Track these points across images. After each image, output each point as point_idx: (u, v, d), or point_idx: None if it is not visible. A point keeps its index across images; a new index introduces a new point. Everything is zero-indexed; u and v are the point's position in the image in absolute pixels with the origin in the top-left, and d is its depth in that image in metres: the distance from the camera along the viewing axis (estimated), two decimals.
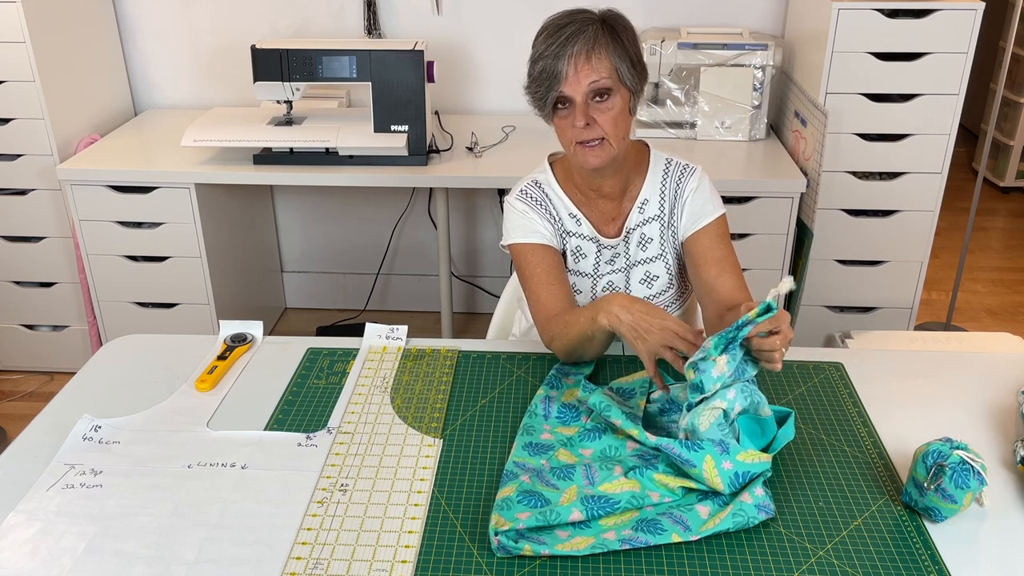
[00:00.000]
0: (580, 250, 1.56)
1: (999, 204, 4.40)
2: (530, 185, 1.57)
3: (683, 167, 1.55)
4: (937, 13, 2.33)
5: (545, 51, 1.37)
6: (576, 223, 1.55)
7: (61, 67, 2.59)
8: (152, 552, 1.10)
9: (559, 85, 1.37)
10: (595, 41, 1.36)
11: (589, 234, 1.55)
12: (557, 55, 1.36)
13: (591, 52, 1.36)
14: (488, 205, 3.15)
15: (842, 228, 2.58)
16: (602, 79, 1.37)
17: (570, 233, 1.56)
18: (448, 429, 1.34)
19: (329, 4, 2.87)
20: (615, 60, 1.38)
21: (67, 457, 1.27)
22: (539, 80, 1.39)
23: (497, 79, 2.96)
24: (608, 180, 1.51)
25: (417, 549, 1.10)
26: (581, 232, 1.55)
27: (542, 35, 1.40)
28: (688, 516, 1.13)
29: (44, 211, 2.68)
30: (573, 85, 1.37)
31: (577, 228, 1.55)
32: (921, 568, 1.07)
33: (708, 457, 1.15)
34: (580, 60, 1.35)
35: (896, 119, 2.45)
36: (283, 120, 2.53)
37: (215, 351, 1.54)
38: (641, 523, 1.12)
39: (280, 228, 3.26)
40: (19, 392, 2.85)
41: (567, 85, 1.37)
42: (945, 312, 3.28)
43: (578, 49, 1.35)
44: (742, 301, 1.41)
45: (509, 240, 1.56)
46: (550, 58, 1.36)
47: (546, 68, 1.37)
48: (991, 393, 1.43)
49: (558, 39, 1.36)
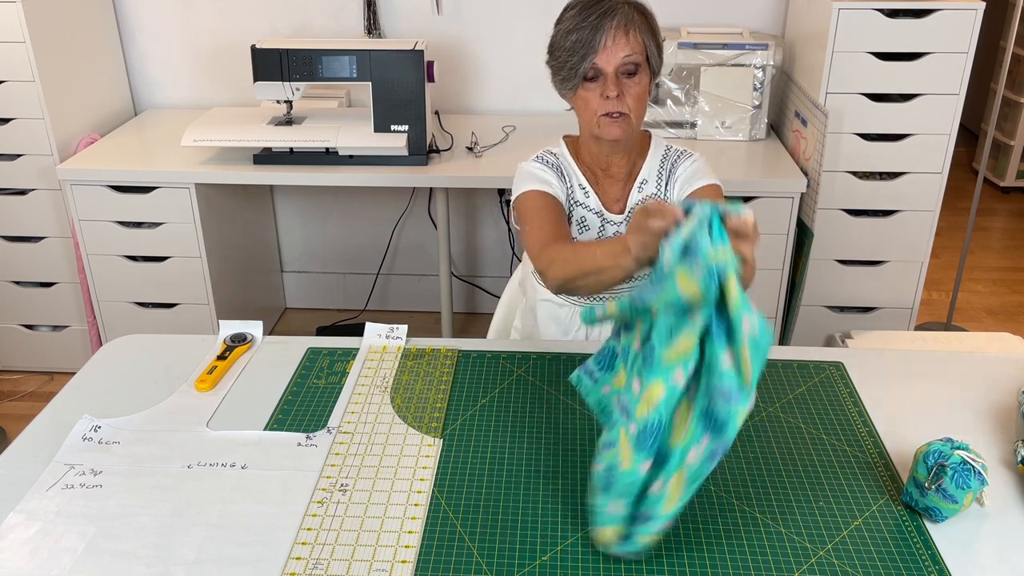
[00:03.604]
0: (584, 221, 1.60)
1: (999, 204, 4.40)
2: (545, 152, 1.62)
3: (681, 151, 1.61)
4: (937, 13, 2.33)
5: (581, 23, 1.42)
6: (585, 194, 1.59)
7: (61, 67, 2.59)
8: (152, 552, 1.09)
9: (594, 56, 1.42)
10: (631, 19, 1.42)
11: (595, 207, 1.59)
12: (595, 27, 1.40)
13: (628, 28, 1.41)
14: (488, 205, 3.15)
15: (842, 228, 2.57)
16: (635, 54, 1.42)
17: (577, 203, 1.59)
18: (448, 429, 1.34)
19: (329, 4, 2.87)
20: (647, 39, 1.44)
21: (67, 457, 1.27)
22: (572, 50, 1.43)
23: (497, 79, 2.96)
24: (617, 158, 1.56)
25: (417, 549, 1.10)
26: (588, 204, 1.59)
27: (573, 10, 1.44)
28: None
29: (44, 211, 2.68)
30: (608, 56, 1.41)
31: (585, 199, 1.59)
32: (921, 568, 1.07)
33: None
34: (619, 33, 1.41)
35: (896, 119, 2.45)
36: (283, 120, 2.52)
37: (215, 351, 1.54)
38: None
39: (280, 228, 3.26)
40: (19, 392, 2.85)
41: (602, 56, 1.42)
42: (945, 312, 3.28)
43: (617, 23, 1.41)
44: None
45: (520, 190, 1.54)
46: (587, 29, 1.41)
47: (581, 38, 1.41)
48: (991, 393, 1.43)
49: (594, 12, 1.41)
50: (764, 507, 1.17)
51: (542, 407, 1.39)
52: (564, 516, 1.16)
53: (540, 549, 1.10)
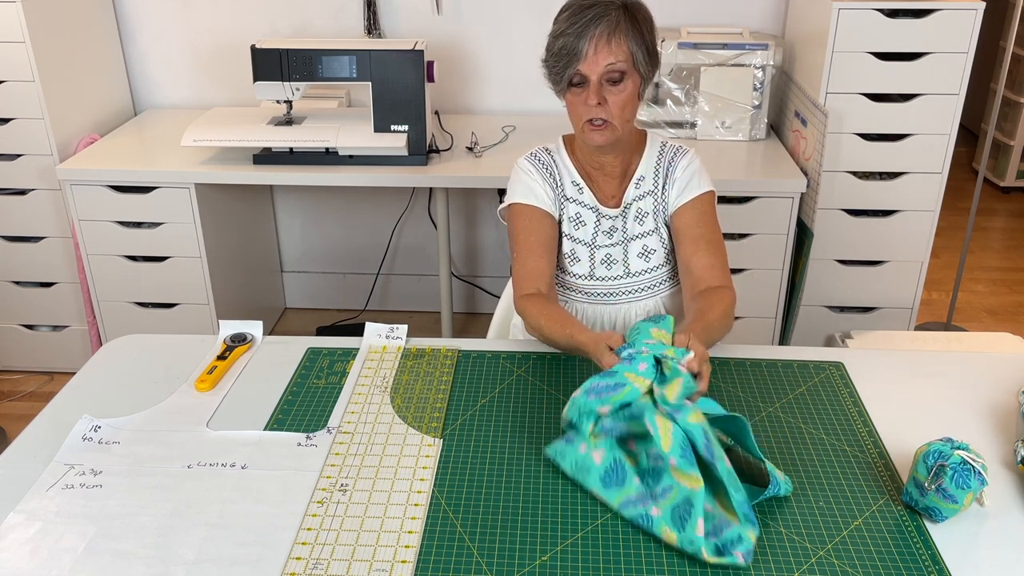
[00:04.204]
0: (579, 217, 1.60)
1: (999, 204, 4.40)
2: (540, 150, 1.64)
3: (677, 148, 1.62)
4: (937, 13, 2.33)
5: (567, 29, 1.42)
6: (578, 191, 1.60)
7: (61, 67, 2.59)
8: (152, 552, 1.09)
9: (577, 63, 1.42)
10: (616, 26, 1.41)
11: (590, 203, 1.60)
12: (579, 34, 1.41)
13: (612, 36, 1.41)
14: (488, 205, 3.15)
15: (842, 228, 2.57)
16: (619, 63, 1.42)
17: (569, 199, 1.60)
18: (448, 429, 1.34)
19: (329, 4, 2.87)
20: (633, 46, 1.43)
21: (67, 457, 1.27)
22: (558, 56, 1.44)
23: (497, 79, 2.96)
24: (610, 158, 1.57)
25: (417, 549, 1.10)
26: (582, 200, 1.60)
27: (565, 13, 1.45)
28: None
29: (44, 211, 2.67)
30: (591, 65, 1.42)
31: (579, 196, 1.60)
32: (921, 568, 1.07)
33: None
34: (601, 42, 1.41)
35: (896, 119, 2.45)
36: (283, 120, 2.52)
37: (215, 351, 1.54)
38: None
39: (280, 228, 3.26)
40: (19, 392, 2.85)
41: (585, 64, 1.42)
42: (945, 312, 3.28)
43: (600, 31, 1.40)
44: (713, 282, 1.50)
45: (509, 199, 1.62)
46: (572, 36, 1.41)
47: (566, 45, 1.42)
48: (991, 393, 1.43)
49: (582, 19, 1.41)
50: (764, 507, 1.17)
51: (542, 407, 1.39)
52: (564, 516, 1.16)
53: (540, 549, 1.10)
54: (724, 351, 1.54)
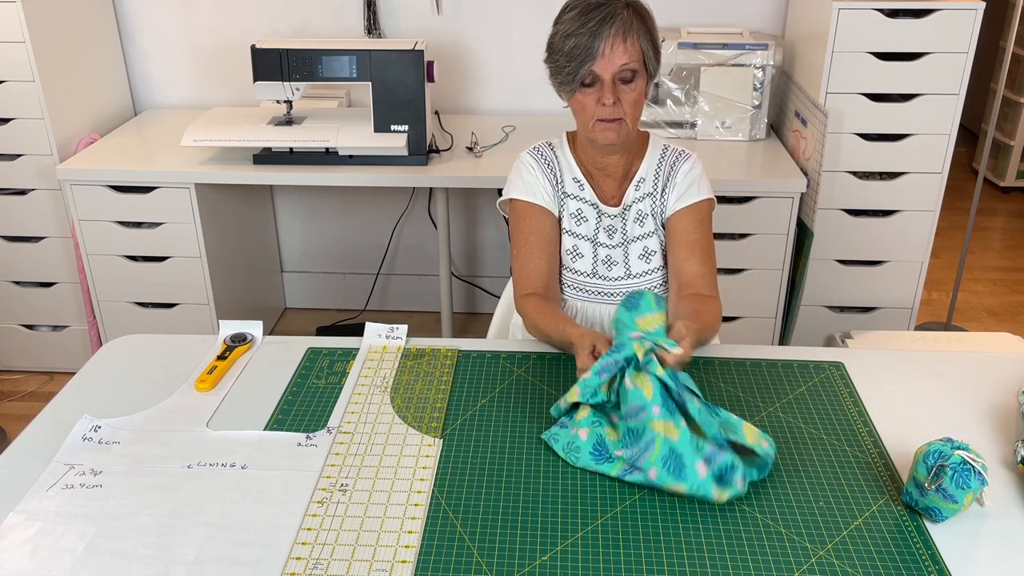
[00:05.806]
0: (581, 213, 1.61)
1: (999, 204, 4.40)
2: (543, 145, 1.64)
3: (679, 152, 1.62)
4: (937, 13, 2.33)
5: (580, 28, 1.41)
6: (579, 187, 1.60)
7: (61, 67, 2.59)
8: (152, 552, 1.09)
9: (592, 63, 1.42)
10: (630, 25, 1.42)
11: (591, 199, 1.60)
12: (594, 33, 1.40)
13: (626, 35, 1.41)
14: (488, 205, 3.15)
15: (842, 228, 2.57)
16: (632, 62, 1.43)
17: (570, 195, 1.61)
18: (448, 429, 1.34)
19: (329, 4, 2.87)
20: (644, 45, 1.44)
21: (67, 457, 1.27)
22: (571, 55, 1.43)
23: (497, 79, 2.96)
24: (614, 158, 1.57)
25: (417, 549, 1.10)
26: (583, 196, 1.61)
27: (572, 12, 1.44)
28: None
29: (44, 211, 2.67)
30: (606, 64, 1.42)
31: (579, 192, 1.61)
32: (921, 568, 1.07)
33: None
34: (616, 41, 1.41)
35: (896, 119, 2.45)
36: (283, 120, 2.52)
37: (215, 351, 1.54)
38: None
39: (280, 228, 3.26)
40: (19, 392, 2.85)
41: (599, 64, 1.42)
42: (945, 312, 3.28)
43: (615, 31, 1.40)
44: (704, 291, 1.52)
45: (510, 195, 1.62)
46: (585, 36, 1.41)
47: (580, 45, 1.41)
48: (991, 393, 1.43)
49: (593, 18, 1.41)
50: (764, 507, 1.17)
51: (542, 407, 1.39)
52: (564, 516, 1.16)
53: (540, 549, 1.10)
54: (724, 351, 1.54)
